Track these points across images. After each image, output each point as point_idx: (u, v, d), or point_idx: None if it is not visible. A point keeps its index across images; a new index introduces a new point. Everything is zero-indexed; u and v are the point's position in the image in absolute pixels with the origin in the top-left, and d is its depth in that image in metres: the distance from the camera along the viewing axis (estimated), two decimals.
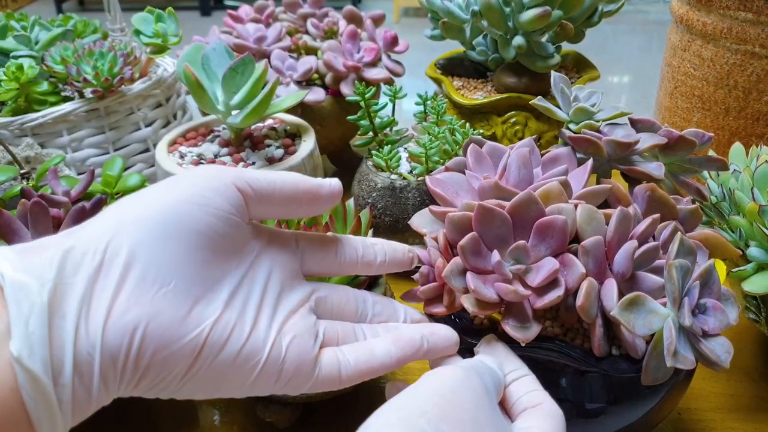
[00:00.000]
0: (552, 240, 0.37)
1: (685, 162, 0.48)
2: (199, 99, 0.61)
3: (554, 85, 0.52)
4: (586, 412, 0.38)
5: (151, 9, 0.77)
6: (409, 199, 0.63)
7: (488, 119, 0.73)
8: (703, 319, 0.35)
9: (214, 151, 0.66)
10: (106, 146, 0.70)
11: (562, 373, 0.37)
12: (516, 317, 0.36)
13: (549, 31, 0.69)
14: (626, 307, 0.34)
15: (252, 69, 0.60)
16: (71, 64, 0.67)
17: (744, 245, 0.48)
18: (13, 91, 0.68)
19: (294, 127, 0.71)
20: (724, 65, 0.68)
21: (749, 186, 0.49)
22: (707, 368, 0.35)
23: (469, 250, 0.37)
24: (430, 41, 0.78)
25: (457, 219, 0.38)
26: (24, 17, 0.81)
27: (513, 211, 0.37)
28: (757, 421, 0.50)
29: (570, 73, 0.79)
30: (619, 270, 0.36)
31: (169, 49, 0.77)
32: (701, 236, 0.41)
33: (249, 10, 0.83)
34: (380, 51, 0.77)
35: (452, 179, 0.44)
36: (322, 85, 0.77)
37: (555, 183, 0.39)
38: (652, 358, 0.35)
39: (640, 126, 0.48)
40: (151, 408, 0.53)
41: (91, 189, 0.51)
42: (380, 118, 0.67)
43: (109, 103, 0.69)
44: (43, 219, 0.42)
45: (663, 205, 0.41)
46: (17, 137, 0.65)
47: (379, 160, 0.65)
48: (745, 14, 0.64)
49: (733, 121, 0.70)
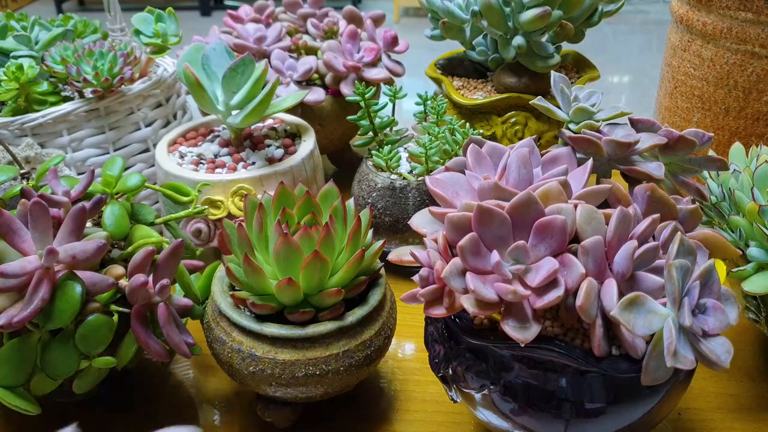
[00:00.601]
0: (551, 240, 0.37)
1: (685, 162, 0.48)
2: (199, 99, 0.61)
3: (554, 85, 0.52)
4: (586, 412, 0.38)
5: (151, 9, 0.77)
6: (409, 199, 0.63)
7: (488, 119, 0.73)
8: (703, 319, 0.35)
9: (214, 151, 0.66)
10: (106, 146, 0.70)
11: (562, 373, 0.37)
12: (515, 318, 0.36)
13: (549, 31, 0.69)
14: (626, 307, 0.34)
15: (252, 69, 0.60)
16: (71, 64, 0.67)
17: (744, 245, 0.48)
18: (13, 91, 0.68)
19: (294, 127, 0.71)
20: (724, 65, 0.68)
21: (749, 186, 0.49)
22: (707, 368, 0.35)
23: (469, 251, 0.37)
24: (430, 41, 0.78)
25: (456, 219, 0.38)
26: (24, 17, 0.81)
27: (512, 212, 0.37)
28: (757, 421, 0.50)
29: (570, 73, 0.79)
30: (619, 270, 0.36)
31: (169, 49, 0.77)
32: (701, 236, 0.41)
33: (249, 10, 0.83)
34: (380, 51, 0.77)
35: (452, 179, 0.44)
36: (322, 85, 0.77)
37: (554, 183, 0.39)
38: (652, 358, 0.35)
39: (640, 126, 0.48)
40: (151, 408, 0.53)
41: (91, 189, 0.51)
42: (380, 118, 0.67)
43: (109, 103, 0.69)
44: (43, 219, 0.42)
45: (663, 205, 0.41)
46: (17, 137, 0.65)
47: (379, 160, 0.65)
48: (745, 14, 0.64)
49: (733, 121, 0.70)
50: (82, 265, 0.42)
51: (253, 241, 0.46)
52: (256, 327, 0.44)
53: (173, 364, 0.58)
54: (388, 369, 0.56)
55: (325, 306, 0.45)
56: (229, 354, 0.45)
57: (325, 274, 0.44)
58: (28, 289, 0.40)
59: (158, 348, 0.44)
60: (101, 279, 0.43)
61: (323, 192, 0.50)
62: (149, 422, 0.52)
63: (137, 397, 0.54)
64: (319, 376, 0.44)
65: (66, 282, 0.41)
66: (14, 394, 0.42)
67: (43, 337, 0.43)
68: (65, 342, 0.42)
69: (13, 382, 0.42)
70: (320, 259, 0.43)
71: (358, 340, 0.45)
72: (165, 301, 0.44)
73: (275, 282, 0.43)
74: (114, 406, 0.53)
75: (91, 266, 0.45)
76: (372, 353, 0.46)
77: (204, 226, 0.60)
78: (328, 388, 0.46)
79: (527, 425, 0.40)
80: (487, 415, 0.42)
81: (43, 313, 0.41)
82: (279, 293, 0.43)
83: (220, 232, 0.47)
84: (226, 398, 0.54)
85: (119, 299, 0.45)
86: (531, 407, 0.39)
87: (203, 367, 0.57)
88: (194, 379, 0.56)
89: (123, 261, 0.48)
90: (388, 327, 0.48)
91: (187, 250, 0.55)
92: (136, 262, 0.44)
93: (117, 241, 0.50)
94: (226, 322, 0.46)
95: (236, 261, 0.47)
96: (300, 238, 0.43)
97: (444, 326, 0.43)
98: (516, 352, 0.38)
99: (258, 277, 0.44)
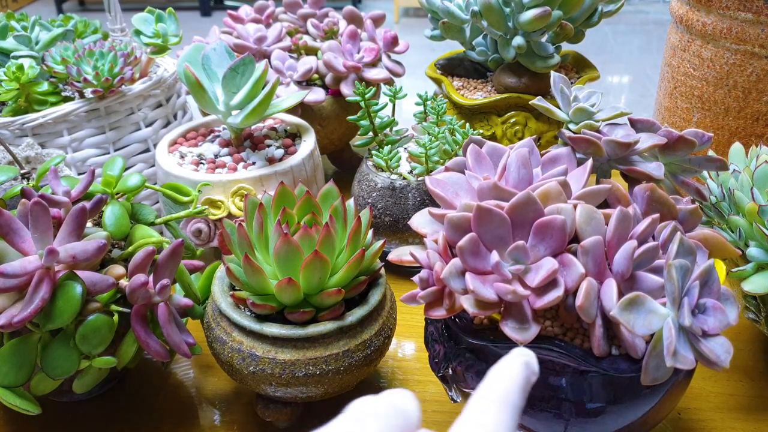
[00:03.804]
0: (551, 240, 0.37)
1: (685, 162, 0.48)
2: (199, 99, 0.61)
3: (554, 85, 0.52)
4: (586, 412, 0.38)
5: (151, 9, 0.77)
6: (409, 199, 0.63)
7: (488, 119, 0.73)
8: (702, 319, 0.35)
9: (214, 152, 0.66)
10: (107, 146, 0.70)
11: (562, 373, 0.37)
12: (515, 318, 0.36)
13: (549, 31, 0.69)
14: (626, 307, 0.34)
15: (252, 69, 0.60)
16: (71, 64, 0.67)
17: (744, 245, 0.48)
18: (14, 91, 0.68)
19: (294, 127, 0.71)
20: (723, 65, 0.68)
21: (749, 186, 0.49)
22: (707, 368, 0.35)
23: (468, 251, 0.37)
24: (430, 41, 0.78)
25: (455, 220, 0.38)
26: (24, 17, 0.81)
27: (512, 212, 0.37)
28: (757, 420, 0.50)
29: (570, 73, 0.79)
30: (618, 270, 0.36)
31: (169, 49, 0.77)
32: (701, 236, 0.41)
33: (249, 10, 0.83)
34: (380, 51, 0.77)
35: (452, 180, 0.44)
36: (322, 85, 0.77)
37: (554, 183, 0.39)
38: (651, 358, 0.35)
39: (640, 126, 0.48)
40: (151, 407, 0.53)
41: (92, 189, 0.51)
42: (380, 118, 0.67)
43: (110, 103, 0.69)
44: (43, 219, 0.42)
45: (662, 205, 0.41)
46: (18, 137, 0.66)
47: (379, 160, 0.65)
48: (745, 14, 0.64)
49: (732, 121, 0.70)
50: (82, 265, 0.42)
51: (253, 241, 0.46)
52: (256, 327, 0.44)
53: (173, 364, 0.58)
54: (388, 369, 0.56)
55: (325, 306, 0.45)
56: (229, 354, 0.45)
57: (325, 274, 0.44)
58: (28, 289, 0.40)
59: (158, 348, 0.44)
60: (101, 279, 0.43)
61: (323, 192, 0.50)
62: (149, 422, 0.52)
63: (137, 397, 0.54)
64: (319, 376, 0.44)
65: (66, 282, 0.41)
66: (14, 394, 0.42)
67: (44, 337, 0.43)
68: (65, 342, 0.42)
69: (13, 382, 0.42)
70: (320, 259, 0.43)
71: (358, 340, 0.45)
72: (165, 301, 0.44)
73: (275, 282, 0.43)
74: (114, 406, 0.53)
75: (91, 266, 0.45)
76: (372, 353, 0.46)
77: (204, 226, 0.60)
78: (328, 388, 0.46)
79: (527, 425, 0.40)
80: None
81: (43, 313, 0.41)
82: (279, 293, 0.44)
83: (221, 232, 0.47)
84: (226, 398, 0.54)
85: (119, 299, 0.45)
86: (531, 407, 0.39)
87: (203, 367, 0.57)
88: (194, 379, 0.56)
89: (123, 261, 0.48)
90: (388, 327, 0.48)
91: (187, 250, 0.55)
92: (136, 262, 0.44)
93: (117, 241, 0.50)
94: (226, 322, 0.46)
95: (236, 261, 0.47)
96: (300, 238, 0.43)
97: (444, 326, 0.43)
98: None
99: (258, 277, 0.44)
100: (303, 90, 0.73)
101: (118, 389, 0.55)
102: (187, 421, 0.52)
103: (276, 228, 0.44)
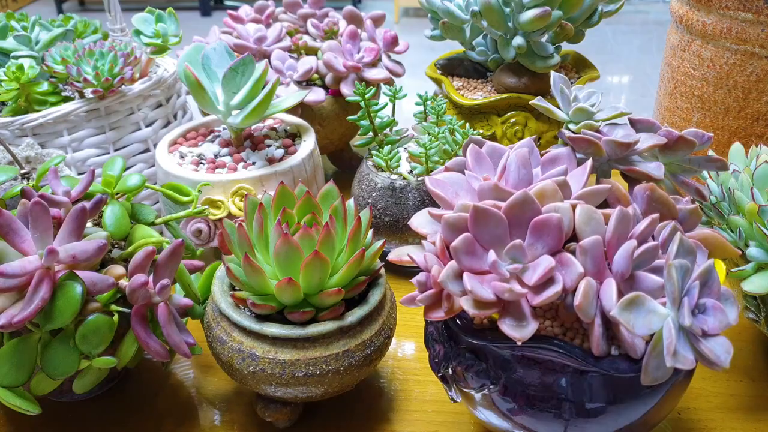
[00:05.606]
0: (548, 238, 0.37)
1: (685, 162, 0.48)
2: (199, 99, 0.61)
3: (554, 85, 0.52)
4: (586, 412, 0.38)
5: (151, 9, 0.77)
6: (409, 199, 0.63)
7: (488, 119, 0.73)
8: (702, 319, 0.35)
9: (214, 152, 0.66)
10: (107, 146, 0.70)
11: (562, 372, 0.37)
12: (513, 316, 0.36)
13: (549, 31, 0.69)
14: (626, 307, 0.34)
15: (252, 69, 0.60)
16: (71, 64, 0.67)
17: (744, 245, 0.48)
18: (14, 91, 0.68)
19: (294, 127, 0.72)
20: (723, 65, 0.68)
21: (749, 186, 0.49)
22: (707, 368, 0.35)
23: (462, 251, 0.37)
24: (430, 41, 0.78)
25: (452, 220, 0.38)
26: (24, 17, 0.81)
27: (509, 211, 0.37)
28: (757, 420, 0.50)
29: (570, 73, 0.79)
30: (618, 270, 0.36)
31: (169, 49, 0.77)
32: (701, 236, 0.41)
33: (249, 10, 0.83)
34: (380, 51, 0.77)
35: (452, 180, 0.44)
36: (322, 85, 0.77)
37: (549, 182, 0.39)
38: (651, 358, 0.35)
39: (640, 126, 0.48)
40: (151, 407, 0.53)
41: (92, 189, 0.51)
42: (380, 118, 0.67)
43: (110, 103, 0.69)
44: (43, 219, 0.42)
45: (662, 204, 0.41)
46: (17, 137, 0.66)
47: (379, 160, 0.65)
48: (745, 14, 0.64)
49: (732, 121, 0.70)
50: (82, 265, 0.42)
51: (253, 241, 0.46)
52: (257, 327, 0.44)
53: (173, 364, 0.58)
54: (388, 369, 0.56)
55: (325, 306, 0.45)
56: (229, 354, 0.45)
57: (325, 274, 0.44)
58: (28, 289, 0.40)
59: (158, 348, 0.44)
60: (101, 279, 0.43)
61: (323, 192, 0.50)
62: (149, 422, 0.52)
63: (137, 397, 0.54)
64: (319, 376, 0.44)
65: (66, 282, 0.41)
66: (14, 394, 0.42)
67: (44, 337, 0.43)
68: (65, 342, 0.42)
69: (13, 382, 0.42)
70: (320, 259, 0.43)
71: (358, 340, 0.45)
72: (165, 301, 0.44)
73: (275, 282, 0.43)
74: (114, 406, 0.53)
75: (91, 266, 0.45)
76: (372, 353, 0.46)
77: (204, 226, 0.60)
78: (328, 388, 0.46)
79: (527, 425, 0.40)
80: (487, 415, 0.42)
81: (43, 313, 0.41)
82: (279, 293, 0.44)
83: (221, 232, 0.48)
84: (226, 398, 0.54)
85: (119, 299, 0.45)
86: (531, 407, 0.39)
87: (203, 367, 0.57)
88: (194, 379, 0.56)
89: (123, 261, 0.48)
90: (388, 327, 0.48)
91: (187, 250, 0.55)
92: (136, 262, 0.44)
93: (117, 241, 0.50)
94: (226, 322, 0.46)
95: (236, 261, 0.47)
96: (300, 238, 0.43)
97: (444, 326, 0.43)
98: (516, 351, 0.38)
99: (258, 277, 0.44)
100: (303, 90, 0.73)
101: (118, 389, 0.55)
102: (187, 421, 0.52)
103: (276, 228, 0.44)
